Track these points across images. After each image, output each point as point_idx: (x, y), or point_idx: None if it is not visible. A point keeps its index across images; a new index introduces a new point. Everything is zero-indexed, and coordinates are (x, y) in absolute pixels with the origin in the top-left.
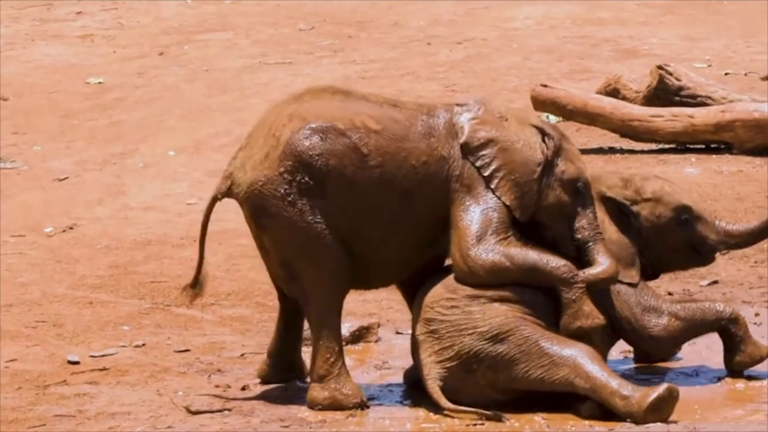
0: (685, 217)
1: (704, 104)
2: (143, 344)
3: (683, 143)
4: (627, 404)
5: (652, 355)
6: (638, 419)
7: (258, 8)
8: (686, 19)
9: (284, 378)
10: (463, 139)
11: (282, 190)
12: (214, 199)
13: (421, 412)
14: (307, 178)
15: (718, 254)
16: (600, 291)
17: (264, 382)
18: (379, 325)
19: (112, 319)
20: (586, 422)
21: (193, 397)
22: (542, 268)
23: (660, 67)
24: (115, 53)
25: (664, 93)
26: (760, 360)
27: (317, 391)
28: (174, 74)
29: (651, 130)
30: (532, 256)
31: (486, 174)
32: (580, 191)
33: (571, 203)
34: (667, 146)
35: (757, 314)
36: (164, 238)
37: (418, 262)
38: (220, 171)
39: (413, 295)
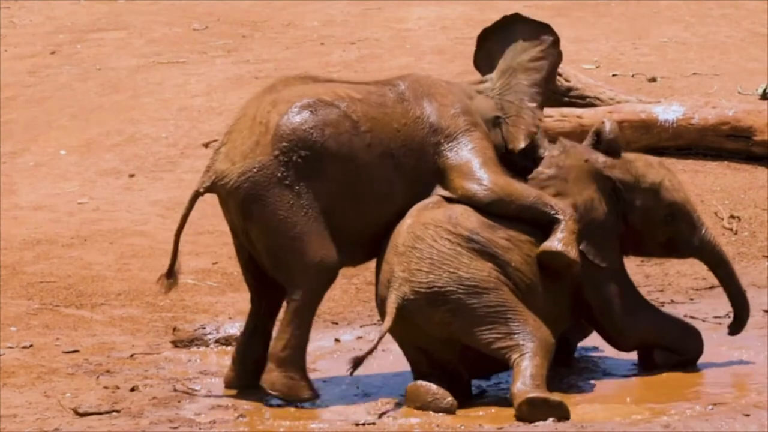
0: (674, 215)
1: (593, 105)
2: (31, 345)
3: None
4: (518, 388)
5: (612, 345)
6: (515, 403)
7: (151, 7)
8: (575, 21)
9: (250, 383)
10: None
11: (279, 174)
12: (196, 194)
13: (313, 411)
14: (304, 155)
15: None
16: (586, 272)
17: (229, 387)
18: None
19: (0, 319)
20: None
21: (81, 399)
22: (542, 200)
23: None
24: (6, 52)
25: (553, 94)
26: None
27: (276, 376)
28: (66, 73)
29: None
30: (532, 190)
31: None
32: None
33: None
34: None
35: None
36: (54, 237)
37: None
38: (112, 170)
39: None
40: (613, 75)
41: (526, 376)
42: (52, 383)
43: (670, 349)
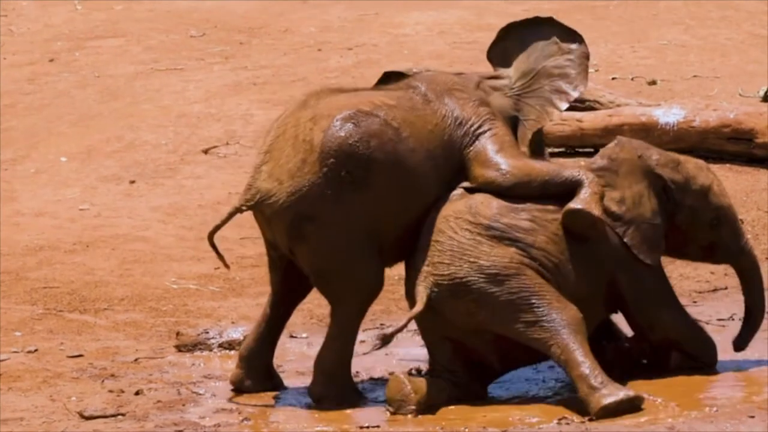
0: (719, 220)
1: (592, 108)
2: (36, 350)
3: (572, 147)
4: (589, 394)
5: (636, 336)
6: (591, 412)
7: (149, 14)
8: (573, 24)
9: (259, 383)
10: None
11: (329, 191)
12: (237, 211)
13: (317, 414)
14: (352, 169)
15: None
16: (625, 264)
17: (237, 388)
18: None
19: (4, 324)
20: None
21: (87, 403)
22: (561, 172)
23: None
24: (5, 59)
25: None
26: None
27: (326, 389)
28: (65, 80)
29: None
30: (551, 164)
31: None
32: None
33: None
34: (556, 150)
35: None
36: (56, 243)
37: None
38: (113, 176)
39: None
40: (613, 78)
41: (584, 375)
42: (58, 387)
43: (688, 352)
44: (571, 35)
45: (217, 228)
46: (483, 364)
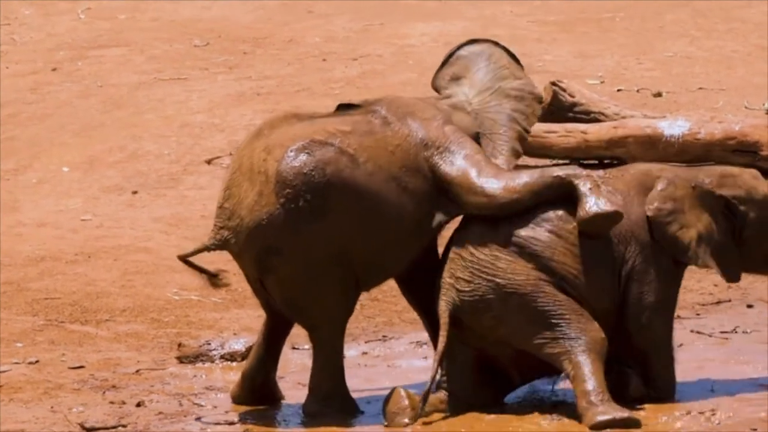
0: None
1: (597, 120)
2: (37, 361)
3: (577, 159)
4: (587, 408)
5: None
6: (584, 425)
7: (153, 24)
8: (579, 36)
9: (259, 401)
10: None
11: (289, 222)
12: (205, 249)
13: (322, 428)
14: (309, 198)
15: None
16: (634, 273)
17: (238, 404)
18: None
19: (5, 335)
20: None
21: (88, 414)
22: (546, 178)
23: (554, 84)
24: (7, 69)
25: (557, 109)
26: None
27: (319, 408)
28: (68, 90)
29: (545, 146)
30: (534, 172)
31: None
32: None
33: None
34: (561, 162)
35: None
36: (58, 254)
37: (415, 252)
38: (115, 187)
39: (411, 289)
40: (618, 90)
41: (587, 391)
42: (59, 398)
43: (651, 374)
44: (516, 61)
45: (185, 257)
46: (503, 374)
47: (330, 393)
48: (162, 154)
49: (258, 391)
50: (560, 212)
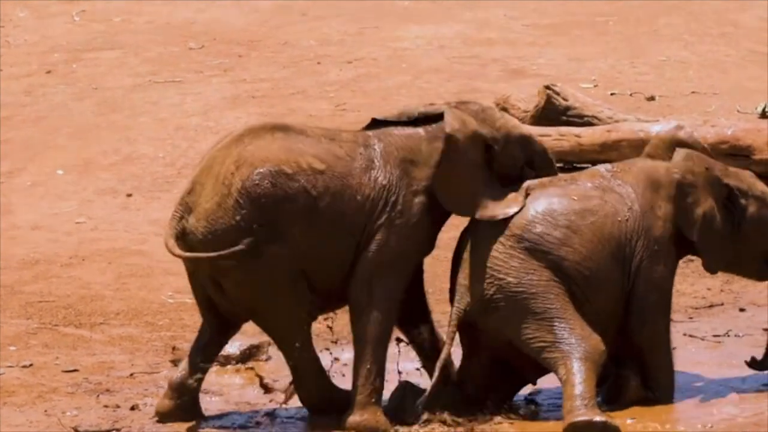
0: None
1: (591, 124)
2: (31, 364)
3: (570, 162)
4: (569, 410)
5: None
6: (564, 424)
7: (147, 26)
8: (573, 40)
9: (185, 413)
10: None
11: (238, 240)
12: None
13: (314, 428)
14: (259, 226)
15: None
16: (642, 270)
17: (162, 419)
18: (269, 344)
19: None
20: None
21: (82, 418)
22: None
23: (547, 87)
24: (2, 71)
25: (551, 113)
26: None
27: (312, 400)
28: (62, 93)
29: None
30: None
31: None
32: None
33: None
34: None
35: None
36: (52, 257)
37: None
38: (110, 190)
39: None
40: (612, 94)
41: (573, 395)
42: (53, 402)
43: (651, 373)
44: None
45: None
46: (515, 373)
47: (324, 400)
48: (157, 157)
49: (187, 405)
50: (576, 207)
